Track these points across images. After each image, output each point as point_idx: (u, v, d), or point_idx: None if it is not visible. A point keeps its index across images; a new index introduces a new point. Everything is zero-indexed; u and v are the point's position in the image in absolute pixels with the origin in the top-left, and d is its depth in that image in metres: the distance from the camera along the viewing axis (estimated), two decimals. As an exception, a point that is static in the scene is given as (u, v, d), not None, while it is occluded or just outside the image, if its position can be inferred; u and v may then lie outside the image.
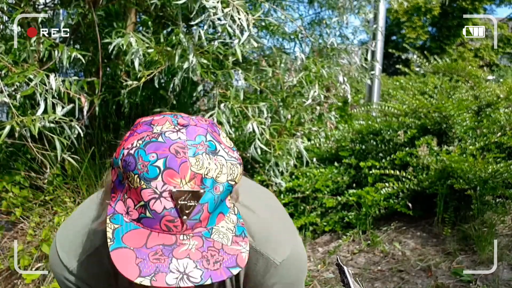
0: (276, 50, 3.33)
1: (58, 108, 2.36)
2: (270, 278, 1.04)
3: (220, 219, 0.81)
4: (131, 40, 2.43)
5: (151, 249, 0.74)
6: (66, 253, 1.02)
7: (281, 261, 1.04)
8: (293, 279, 1.08)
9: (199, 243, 0.76)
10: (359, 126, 4.46)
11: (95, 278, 1.02)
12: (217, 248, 0.77)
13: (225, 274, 0.74)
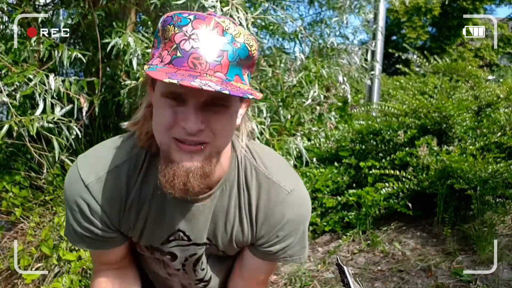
0: (276, 50, 3.33)
1: (57, 108, 2.36)
2: (281, 207, 1.13)
3: (237, 80, 0.92)
4: (129, 40, 2.43)
5: (185, 76, 0.85)
6: (86, 170, 1.10)
7: (290, 190, 1.14)
8: (301, 212, 1.17)
9: (219, 79, 0.88)
10: (359, 126, 4.46)
11: (109, 202, 1.09)
12: (235, 86, 0.89)
13: (241, 93, 0.85)
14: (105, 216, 1.12)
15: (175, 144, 0.95)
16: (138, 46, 2.45)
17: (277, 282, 3.16)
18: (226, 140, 1.02)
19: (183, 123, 0.91)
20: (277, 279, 3.21)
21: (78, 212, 1.11)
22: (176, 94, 0.92)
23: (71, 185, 1.12)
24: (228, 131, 1.00)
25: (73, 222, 1.14)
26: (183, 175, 0.95)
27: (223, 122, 0.96)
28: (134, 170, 1.10)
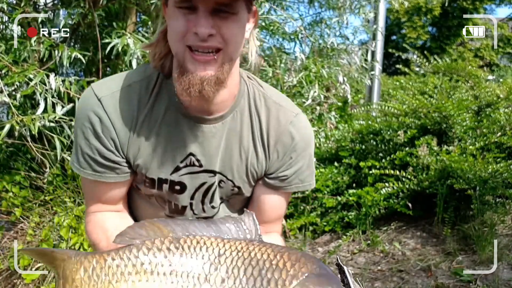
0: (276, 50, 3.33)
1: (58, 107, 2.36)
2: (291, 128, 1.21)
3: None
4: (129, 41, 2.43)
5: None
6: (99, 86, 1.15)
7: (297, 113, 1.24)
8: (308, 133, 1.26)
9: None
10: (359, 126, 4.46)
11: (120, 119, 1.12)
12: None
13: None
14: (115, 134, 1.13)
15: (189, 54, 1.01)
16: (137, 48, 2.45)
17: (277, 282, 3.16)
18: (237, 48, 1.07)
19: (195, 28, 0.98)
20: (277, 279, 3.21)
21: (88, 129, 1.13)
22: (187, 2, 0.98)
23: (84, 100, 1.15)
24: (238, 38, 1.05)
25: (81, 142, 1.15)
26: (198, 83, 1.02)
27: (233, 28, 1.02)
28: (146, 90, 1.15)
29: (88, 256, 0.98)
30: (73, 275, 0.97)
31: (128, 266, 0.95)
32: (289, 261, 0.94)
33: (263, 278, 0.92)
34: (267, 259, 0.94)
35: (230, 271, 0.94)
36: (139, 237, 0.97)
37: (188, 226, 0.99)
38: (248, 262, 0.94)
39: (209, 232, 0.98)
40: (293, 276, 0.92)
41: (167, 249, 0.96)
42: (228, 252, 0.96)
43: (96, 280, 0.96)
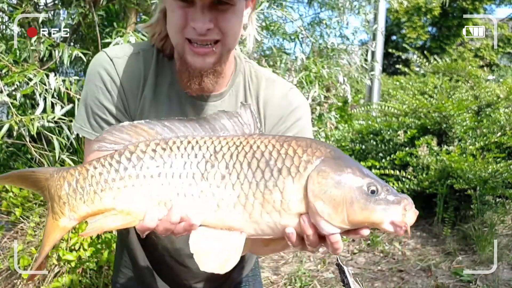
0: (276, 50, 3.33)
1: (57, 107, 2.36)
2: (290, 97, 1.22)
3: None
4: (131, 40, 2.43)
5: None
6: (110, 49, 1.19)
7: (292, 87, 1.25)
8: (305, 102, 1.26)
9: None
10: (359, 126, 4.46)
11: (129, 81, 1.14)
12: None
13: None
14: (124, 96, 1.15)
15: (188, 47, 1.03)
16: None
17: (277, 282, 3.16)
18: (235, 39, 1.09)
19: (193, 23, 1.00)
20: (277, 279, 3.21)
21: (98, 88, 1.14)
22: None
23: (96, 60, 1.17)
24: (236, 29, 1.07)
25: (90, 102, 1.14)
26: (197, 76, 1.06)
27: (231, 20, 1.03)
28: (151, 61, 1.17)
29: (70, 170, 0.94)
30: (58, 192, 0.93)
31: (111, 173, 0.90)
32: (299, 147, 0.87)
33: (272, 168, 0.85)
34: (273, 150, 0.88)
35: (231, 167, 0.87)
36: (121, 140, 0.92)
37: (177, 127, 0.92)
38: (252, 155, 0.87)
39: (202, 132, 0.92)
40: (307, 161, 0.85)
41: (153, 151, 0.90)
42: (225, 148, 0.89)
43: (82, 192, 0.91)
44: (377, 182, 0.85)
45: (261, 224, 0.86)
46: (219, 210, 0.86)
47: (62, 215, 0.93)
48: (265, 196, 0.85)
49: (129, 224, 0.90)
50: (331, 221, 0.83)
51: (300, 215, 0.85)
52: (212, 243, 0.86)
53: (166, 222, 0.86)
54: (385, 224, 0.83)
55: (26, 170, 1.03)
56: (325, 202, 0.82)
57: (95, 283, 2.66)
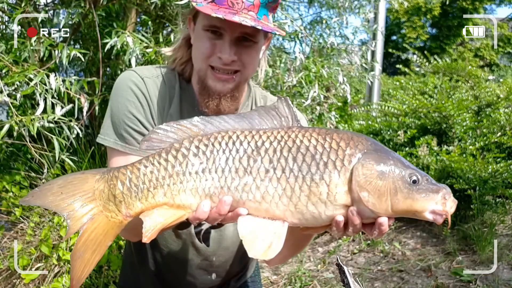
0: (276, 50, 3.33)
1: (57, 108, 2.36)
2: None
3: (265, 19, 1.16)
4: (128, 40, 2.42)
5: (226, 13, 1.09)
6: (139, 70, 1.29)
7: None
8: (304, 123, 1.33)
9: (252, 17, 1.12)
10: (359, 126, 4.46)
11: (157, 100, 1.25)
12: (264, 23, 1.13)
13: (271, 30, 1.11)
14: (153, 111, 1.24)
15: (211, 73, 1.17)
16: (137, 46, 2.44)
17: (277, 282, 3.16)
18: (253, 71, 1.24)
19: (220, 53, 1.14)
20: (277, 279, 3.21)
21: (131, 102, 1.22)
22: (215, 28, 1.14)
23: (126, 78, 1.25)
24: (255, 63, 1.23)
25: (121, 115, 1.21)
26: (216, 98, 1.19)
27: (252, 55, 1.19)
28: (174, 84, 1.29)
29: (121, 169, 0.97)
30: (113, 191, 0.96)
31: (161, 171, 0.95)
32: (341, 140, 0.92)
33: (318, 162, 0.90)
34: (317, 144, 0.92)
35: (276, 161, 0.91)
36: (167, 139, 0.97)
37: (218, 122, 0.97)
38: (296, 150, 0.91)
39: (242, 126, 0.96)
40: (351, 155, 0.90)
41: (196, 148, 0.94)
42: (267, 143, 0.93)
43: (136, 190, 0.95)
44: (417, 172, 0.89)
45: (305, 214, 0.91)
46: (263, 202, 0.91)
47: (118, 213, 0.96)
48: (312, 189, 0.89)
49: (182, 217, 0.95)
50: (376, 210, 0.88)
51: (344, 205, 0.90)
52: (257, 232, 0.91)
53: (215, 213, 0.93)
54: (426, 212, 0.88)
55: (74, 173, 1.03)
56: (370, 193, 0.88)
57: (95, 283, 2.65)
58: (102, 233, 0.95)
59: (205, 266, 1.38)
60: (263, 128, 0.96)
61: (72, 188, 0.97)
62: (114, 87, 1.27)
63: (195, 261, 1.37)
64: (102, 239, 0.95)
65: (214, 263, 1.38)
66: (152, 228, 0.93)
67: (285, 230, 0.91)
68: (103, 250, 0.96)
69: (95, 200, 0.96)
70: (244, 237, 0.90)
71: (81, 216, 0.95)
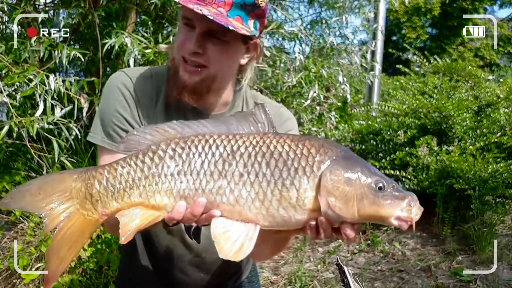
0: (276, 50, 3.33)
1: (57, 109, 2.36)
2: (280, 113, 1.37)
3: (237, 20, 1.15)
4: (126, 41, 2.42)
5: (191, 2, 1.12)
6: (128, 70, 1.33)
7: (282, 106, 1.45)
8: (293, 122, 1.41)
9: (217, 12, 1.12)
10: (359, 126, 4.45)
11: (144, 98, 1.28)
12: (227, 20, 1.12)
13: (225, 23, 1.09)
14: (140, 109, 1.27)
15: (182, 64, 1.20)
16: (136, 47, 2.44)
17: (277, 282, 3.16)
18: (221, 70, 1.23)
19: (187, 44, 1.17)
20: (277, 279, 3.21)
21: (118, 101, 1.26)
22: (188, 20, 1.17)
23: (115, 78, 1.30)
24: (224, 62, 1.22)
25: (109, 114, 1.25)
26: (180, 87, 1.22)
27: (219, 53, 1.18)
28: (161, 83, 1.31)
29: (98, 169, 1.00)
30: (90, 190, 0.98)
31: (137, 172, 0.97)
32: (312, 147, 0.95)
33: (289, 168, 0.93)
34: (289, 150, 0.95)
35: (250, 166, 0.94)
36: (144, 141, 0.99)
37: (196, 126, 1.00)
38: (270, 155, 0.94)
39: (219, 130, 0.99)
40: (321, 161, 0.93)
41: (173, 150, 0.97)
42: (243, 148, 0.95)
43: (113, 190, 0.98)
44: (384, 179, 0.93)
45: (277, 218, 0.94)
46: (237, 205, 0.94)
47: (94, 212, 0.98)
48: (282, 193, 0.93)
49: (158, 218, 0.98)
50: (342, 214, 0.91)
51: (313, 210, 0.93)
52: (229, 233, 0.93)
53: (189, 214, 0.95)
54: (392, 218, 0.91)
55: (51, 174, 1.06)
56: (337, 198, 0.91)
57: (95, 283, 2.66)
58: (78, 231, 0.98)
59: (197, 263, 1.39)
60: (240, 133, 0.98)
61: (49, 188, 0.99)
62: (104, 87, 1.31)
63: (186, 257, 1.38)
64: (78, 237, 0.98)
65: (206, 260, 1.39)
66: (128, 229, 0.95)
67: (256, 232, 0.94)
68: (79, 247, 0.99)
69: (72, 199, 0.98)
70: (216, 238, 0.92)
71: (58, 214, 0.97)
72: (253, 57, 1.32)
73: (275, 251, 1.41)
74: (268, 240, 1.15)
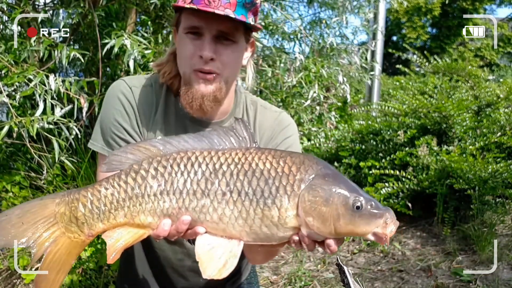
0: (275, 50, 3.33)
1: (57, 109, 2.36)
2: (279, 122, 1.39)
3: (242, 18, 1.17)
4: (126, 42, 2.42)
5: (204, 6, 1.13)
6: (129, 79, 1.35)
7: (282, 111, 1.45)
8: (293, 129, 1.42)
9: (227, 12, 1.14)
10: (359, 126, 4.45)
11: (143, 107, 1.30)
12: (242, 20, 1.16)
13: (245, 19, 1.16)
14: (139, 119, 1.29)
15: (195, 75, 1.21)
16: (135, 48, 2.43)
17: (277, 282, 3.16)
18: (233, 73, 1.26)
19: (200, 51, 1.17)
20: (277, 279, 3.21)
21: (118, 111, 1.27)
22: (195, 29, 1.18)
23: (115, 87, 1.31)
24: (234, 64, 1.25)
25: (109, 123, 1.27)
26: (199, 98, 1.22)
27: (231, 55, 1.21)
28: (160, 93, 1.33)
29: (81, 191, 0.99)
30: (74, 213, 0.98)
31: (120, 193, 0.97)
32: (293, 165, 0.96)
33: (270, 186, 0.94)
34: (271, 168, 0.96)
35: (232, 185, 0.94)
36: (126, 161, 0.99)
37: (178, 142, 1.00)
38: (252, 173, 0.95)
39: (201, 146, 0.99)
40: (301, 180, 0.95)
41: (155, 170, 0.97)
42: (225, 166, 0.96)
43: (98, 212, 0.98)
44: (362, 197, 0.94)
45: (260, 234, 0.96)
46: (221, 222, 0.95)
47: (81, 233, 0.99)
48: (264, 212, 0.94)
49: (144, 235, 0.99)
50: (320, 233, 0.94)
51: (294, 227, 0.95)
52: (213, 250, 0.95)
53: (174, 231, 0.97)
54: (368, 235, 0.94)
55: (31, 201, 1.05)
56: (315, 218, 0.93)
57: (95, 283, 2.66)
58: (65, 253, 0.98)
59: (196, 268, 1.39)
60: (222, 149, 0.99)
61: (32, 217, 0.97)
62: (105, 96, 1.33)
63: (186, 262, 1.40)
64: (66, 259, 0.98)
65: None
66: (115, 249, 0.96)
67: (240, 249, 0.96)
68: (67, 268, 0.99)
69: (56, 224, 0.98)
70: (200, 258, 0.94)
71: (44, 241, 0.97)
72: (252, 55, 1.35)
73: (268, 257, 1.43)
74: (257, 250, 1.18)
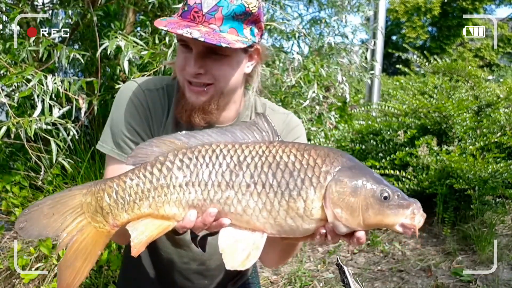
0: (274, 49, 3.32)
1: (54, 110, 2.35)
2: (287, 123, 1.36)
3: (231, 32, 1.13)
4: (120, 44, 2.39)
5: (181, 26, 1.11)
6: (142, 81, 1.32)
7: (289, 113, 1.41)
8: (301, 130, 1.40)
9: (209, 30, 1.10)
10: (359, 126, 4.45)
11: (156, 112, 1.29)
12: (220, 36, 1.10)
13: (217, 41, 1.07)
14: (151, 122, 1.28)
15: (187, 85, 1.19)
16: (130, 49, 2.41)
17: (277, 282, 3.16)
18: (229, 84, 1.21)
19: (187, 67, 1.15)
20: (277, 279, 3.21)
21: (131, 114, 1.26)
22: (184, 42, 1.15)
23: (128, 88, 1.29)
24: (229, 76, 1.19)
25: (121, 125, 1.26)
26: (188, 110, 1.20)
27: (223, 68, 1.17)
28: (172, 95, 1.31)
29: (107, 182, 1.00)
30: (100, 203, 0.99)
31: (146, 184, 0.98)
32: (318, 157, 0.96)
33: (296, 178, 0.94)
34: (295, 160, 0.96)
35: (257, 176, 0.95)
36: (152, 154, 1.00)
37: (202, 136, 1.00)
38: (276, 166, 0.95)
39: (225, 140, 0.99)
40: (326, 172, 0.95)
41: (180, 161, 0.97)
42: (249, 158, 0.96)
43: (123, 202, 0.99)
44: (389, 188, 0.94)
45: (284, 227, 0.95)
46: (245, 214, 0.95)
47: (106, 224, 1.00)
48: (290, 204, 0.94)
49: (168, 228, 0.99)
50: (348, 225, 0.93)
51: (320, 219, 0.95)
52: (237, 243, 0.95)
53: (200, 223, 0.97)
54: (396, 226, 0.93)
55: (60, 192, 1.06)
56: (343, 209, 0.92)
57: (95, 283, 2.65)
58: (91, 243, 0.99)
59: (202, 271, 1.40)
60: (246, 142, 0.99)
61: (61, 207, 1.00)
62: (116, 97, 1.31)
63: (191, 265, 1.39)
64: (92, 248, 0.99)
65: (211, 267, 1.40)
66: (139, 242, 0.96)
67: (263, 241, 0.95)
68: (94, 258, 1.00)
69: (83, 214, 0.99)
70: (224, 250, 0.94)
71: (72, 230, 0.99)
72: (257, 63, 1.29)
73: (283, 258, 1.40)
74: (276, 246, 1.17)
